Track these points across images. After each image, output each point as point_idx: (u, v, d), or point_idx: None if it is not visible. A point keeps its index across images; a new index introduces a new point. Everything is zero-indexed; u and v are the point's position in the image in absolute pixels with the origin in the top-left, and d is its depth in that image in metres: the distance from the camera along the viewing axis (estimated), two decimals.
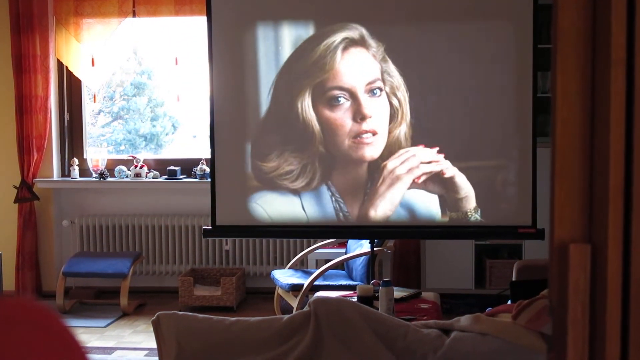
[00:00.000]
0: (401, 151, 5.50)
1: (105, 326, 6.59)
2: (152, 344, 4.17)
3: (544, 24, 6.07)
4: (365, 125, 5.49)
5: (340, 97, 5.50)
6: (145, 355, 5.64)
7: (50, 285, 7.47)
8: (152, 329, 3.46)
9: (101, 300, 7.37)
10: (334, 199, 5.61)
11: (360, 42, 5.49)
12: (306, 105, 5.53)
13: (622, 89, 1.32)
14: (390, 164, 5.50)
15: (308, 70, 5.53)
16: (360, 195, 5.61)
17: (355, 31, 5.48)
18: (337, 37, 5.48)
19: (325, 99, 5.53)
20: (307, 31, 5.66)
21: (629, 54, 1.33)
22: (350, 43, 5.48)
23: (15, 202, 7.46)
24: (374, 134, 5.50)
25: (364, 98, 5.47)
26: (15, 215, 7.50)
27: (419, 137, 5.52)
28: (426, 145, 5.49)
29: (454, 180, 5.47)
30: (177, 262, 7.52)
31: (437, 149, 5.48)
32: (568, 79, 1.39)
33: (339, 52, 5.47)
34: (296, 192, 5.62)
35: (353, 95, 5.48)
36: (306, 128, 5.55)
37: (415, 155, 5.47)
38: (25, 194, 7.46)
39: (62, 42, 7.39)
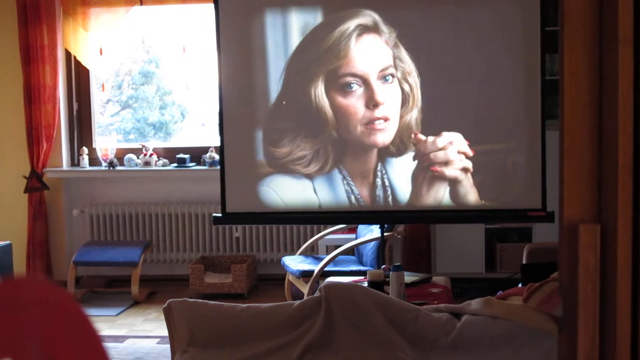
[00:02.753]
0: (443, 140, 5.53)
1: (117, 315, 6.62)
2: (164, 331, 4.18)
3: (550, 7, 6.05)
4: (377, 112, 5.50)
5: (353, 83, 5.51)
6: (157, 342, 5.66)
7: (61, 274, 7.50)
8: (163, 316, 3.48)
9: (112, 289, 7.41)
10: (345, 182, 5.63)
11: (374, 29, 5.49)
12: (319, 92, 5.54)
13: (630, 67, 1.32)
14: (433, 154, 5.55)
15: (321, 57, 5.54)
16: (369, 178, 5.62)
17: (369, 18, 5.48)
18: (351, 24, 5.49)
19: (338, 85, 5.54)
20: (315, 18, 5.66)
21: (636, 33, 1.33)
22: (364, 30, 5.49)
23: (25, 192, 7.49)
24: (386, 120, 5.52)
25: (376, 85, 5.48)
26: (25, 205, 7.53)
27: (429, 121, 5.54)
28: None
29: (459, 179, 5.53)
30: (187, 250, 7.54)
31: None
32: (575, 59, 1.39)
33: (353, 38, 5.48)
34: (309, 177, 5.64)
35: (366, 82, 5.50)
36: (319, 114, 5.56)
37: (452, 143, 5.50)
38: (35, 183, 7.49)
39: (69, 31, 7.40)
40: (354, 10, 5.50)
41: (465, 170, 5.50)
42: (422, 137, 5.51)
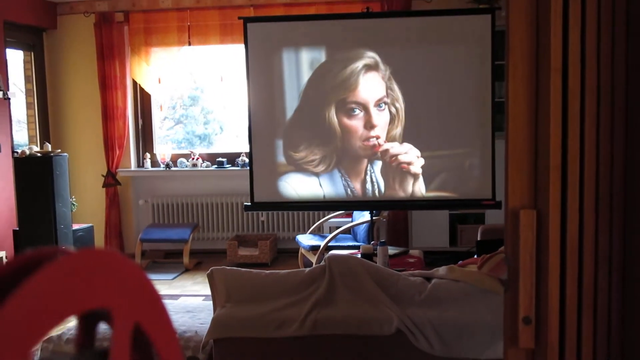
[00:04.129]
0: (404, 148, 5.57)
1: (172, 279, 6.63)
2: (208, 291, 4.19)
3: (500, 45, 6.05)
4: (372, 132, 5.58)
5: (356, 109, 5.57)
6: (203, 300, 5.65)
7: (130, 248, 7.51)
8: (207, 280, 3.47)
9: (169, 260, 7.41)
10: (343, 179, 5.66)
11: (375, 67, 5.55)
12: (332, 114, 5.60)
13: (559, 90, 1.32)
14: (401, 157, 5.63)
15: (335, 88, 5.62)
16: (361, 176, 5.66)
17: (372, 59, 5.55)
18: (360, 64, 5.56)
19: (345, 109, 5.61)
20: (320, 54, 5.68)
21: (564, 64, 1.32)
22: (368, 68, 5.54)
23: (103, 187, 7.51)
24: (378, 137, 5.59)
25: (373, 111, 5.57)
26: (103, 197, 7.55)
27: (409, 134, 5.57)
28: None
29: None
30: (225, 230, 7.54)
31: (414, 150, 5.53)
32: (517, 84, 1.38)
33: (361, 75, 5.53)
34: (316, 174, 5.68)
35: (366, 109, 5.57)
36: (330, 130, 5.63)
37: (412, 149, 5.58)
38: (110, 180, 7.50)
39: (135, 65, 7.40)
40: (360, 51, 5.54)
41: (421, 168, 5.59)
42: (383, 144, 5.58)
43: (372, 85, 5.57)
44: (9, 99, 6.54)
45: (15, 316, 0.54)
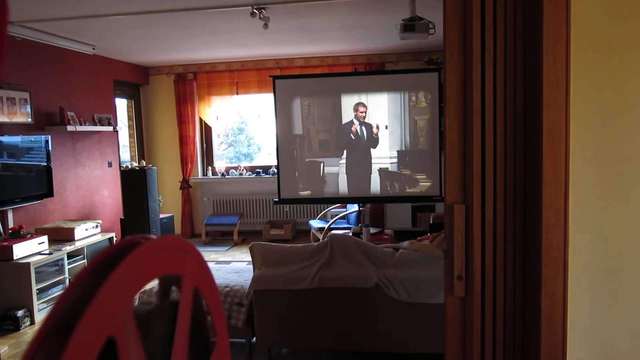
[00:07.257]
0: (384, 160, 5.55)
1: (226, 250, 6.64)
2: (250, 258, 4.19)
3: (444, 92, 6.06)
4: (362, 146, 5.61)
5: (350, 133, 5.59)
6: (246, 264, 5.66)
7: (198, 230, 7.53)
8: (249, 251, 3.48)
9: (224, 237, 7.42)
10: (340, 181, 5.65)
11: (360, 105, 5.56)
12: (333, 135, 5.59)
13: (479, 127, 1.33)
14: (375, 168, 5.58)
15: (335, 118, 5.60)
16: (354, 179, 5.65)
17: (358, 100, 5.56)
18: (351, 102, 5.56)
19: (341, 131, 5.58)
20: (324, 99, 5.69)
21: (482, 108, 1.33)
22: (356, 105, 5.56)
23: (180, 189, 7.53)
24: (360, 135, 5.62)
25: (360, 132, 5.56)
26: (179, 195, 7.56)
27: (384, 154, 5.55)
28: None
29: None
30: (261, 217, 7.55)
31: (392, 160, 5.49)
32: (452, 121, 1.39)
33: (352, 109, 5.58)
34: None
35: (354, 130, 5.57)
36: (331, 146, 5.59)
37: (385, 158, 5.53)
38: (185, 185, 7.52)
39: (201, 107, 7.43)
40: (350, 95, 5.57)
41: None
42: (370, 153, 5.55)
43: (359, 114, 5.60)
44: (117, 131, 6.59)
45: (122, 276, 0.56)
